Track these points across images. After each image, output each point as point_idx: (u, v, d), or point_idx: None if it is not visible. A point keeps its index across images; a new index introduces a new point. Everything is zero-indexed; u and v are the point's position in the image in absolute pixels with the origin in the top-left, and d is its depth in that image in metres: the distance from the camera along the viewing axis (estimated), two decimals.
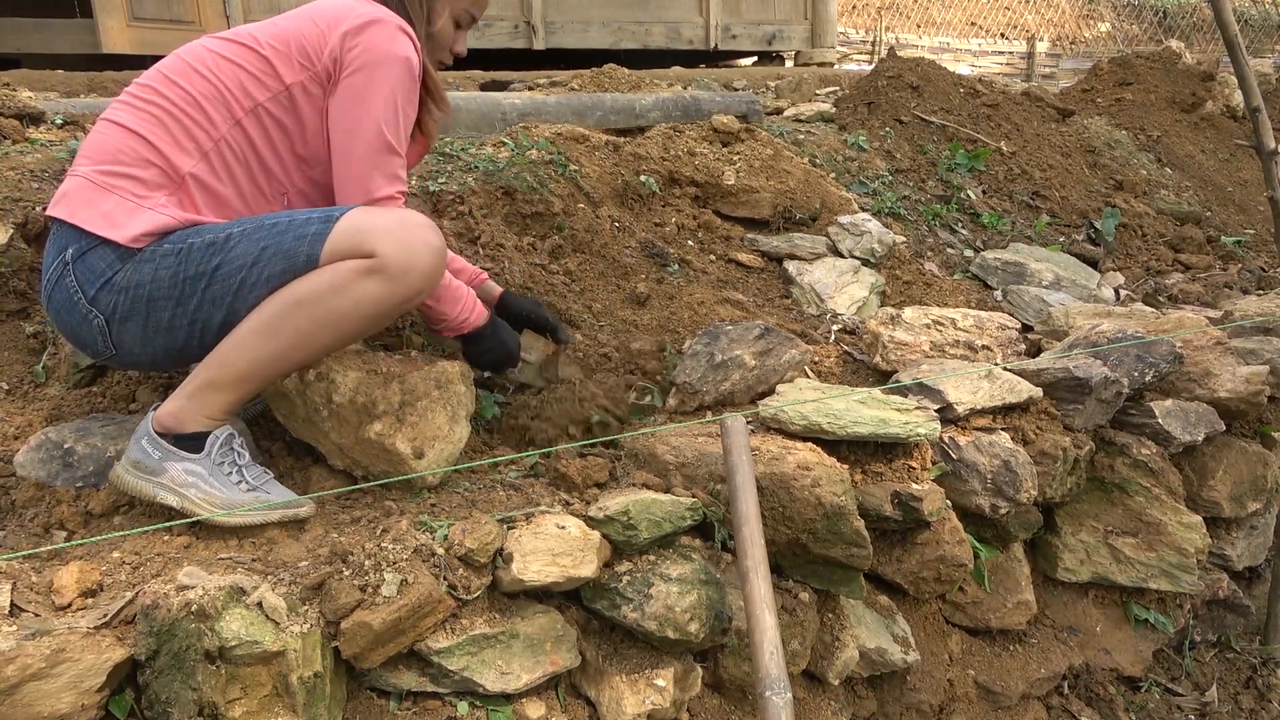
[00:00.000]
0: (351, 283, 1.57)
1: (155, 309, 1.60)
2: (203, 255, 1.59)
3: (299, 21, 1.73)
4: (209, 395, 1.61)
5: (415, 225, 1.63)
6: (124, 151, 1.63)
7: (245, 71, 1.69)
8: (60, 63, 5.17)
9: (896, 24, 12.13)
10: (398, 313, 1.65)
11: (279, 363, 1.61)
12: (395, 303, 1.61)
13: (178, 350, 1.65)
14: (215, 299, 1.59)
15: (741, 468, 1.65)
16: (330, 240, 1.58)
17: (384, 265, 1.57)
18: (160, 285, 1.59)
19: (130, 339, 1.63)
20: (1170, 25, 13.51)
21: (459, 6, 1.91)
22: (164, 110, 1.66)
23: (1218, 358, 2.58)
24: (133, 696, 1.37)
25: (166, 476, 1.60)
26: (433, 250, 1.62)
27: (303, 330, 1.58)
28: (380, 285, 1.58)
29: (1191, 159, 4.83)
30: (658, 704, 1.65)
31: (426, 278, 1.63)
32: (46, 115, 2.67)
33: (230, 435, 1.65)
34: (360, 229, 1.59)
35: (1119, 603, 2.51)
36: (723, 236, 3.15)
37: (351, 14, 1.72)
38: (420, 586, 1.47)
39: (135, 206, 1.60)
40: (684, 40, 7.17)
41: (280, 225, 1.61)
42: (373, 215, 1.63)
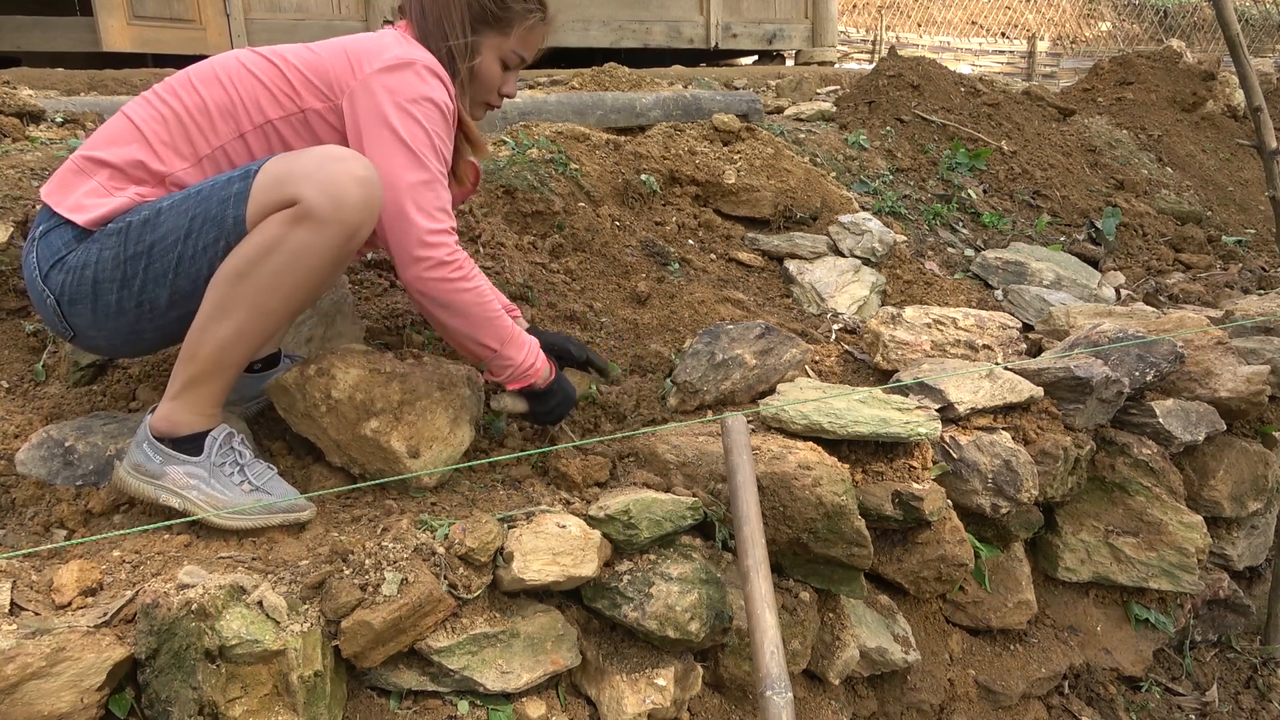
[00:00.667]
0: (282, 237, 1.51)
1: (101, 291, 1.58)
2: (139, 233, 1.56)
3: (333, 51, 1.71)
4: (193, 392, 1.60)
5: (335, 159, 1.54)
6: (117, 142, 1.64)
7: (264, 88, 1.67)
8: (60, 61, 5.17)
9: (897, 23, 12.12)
10: (343, 255, 1.58)
11: (244, 339, 1.57)
12: (335, 245, 1.53)
13: (133, 334, 1.63)
14: (157, 278, 1.56)
15: (742, 467, 1.64)
16: (252, 196, 1.53)
17: (309, 209, 1.49)
18: (104, 266, 1.56)
19: (83, 322, 1.63)
20: (1171, 24, 13.50)
21: (506, 48, 1.83)
22: (173, 112, 1.66)
23: (1219, 357, 2.57)
24: (133, 695, 1.37)
25: (168, 479, 1.61)
26: (358, 180, 1.52)
27: (253, 301, 1.53)
28: (311, 232, 1.51)
29: (1192, 158, 4.83)
30: (658, 703, 1.65)
31: (359, 210, 1.53)
32: (47, 113, 2.67)
33: (229, 434, 1.65)
34: (278, 177, 1.53)
35: (1119, 602, 2.51)
36: (723, 235, 3.15)
37: (385, 52, 1.68)
38: (421, 586, 1.47)
39: (107, 194, 1.60)
40: (685, 39, 7.16)
41: (204, 191, 1.56)
42: (290, 160, 1.55)
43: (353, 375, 1.75)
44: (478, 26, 1.78)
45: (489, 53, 1.81)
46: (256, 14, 5.68)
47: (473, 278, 1.71)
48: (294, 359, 2.02)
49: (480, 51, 1.80)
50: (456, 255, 1.68)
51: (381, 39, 1.74)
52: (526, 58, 1.88)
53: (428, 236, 1.64)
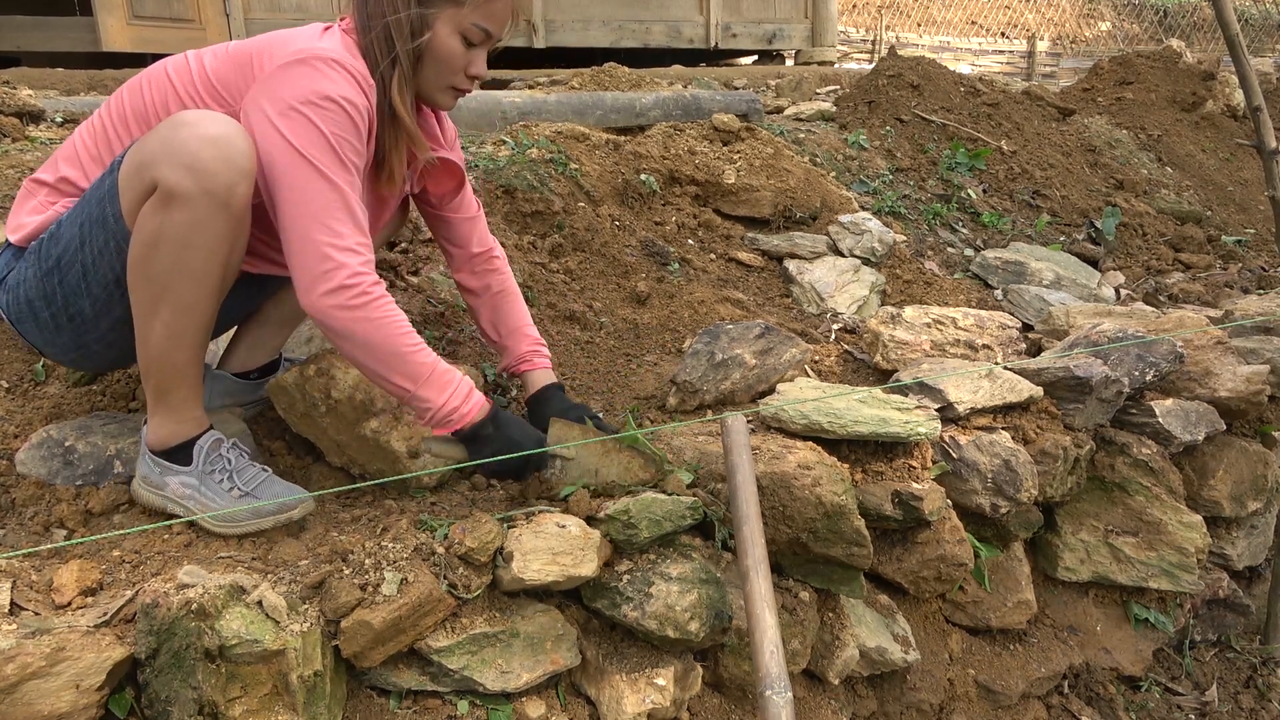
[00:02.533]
0: (160, 227, 1.41)
1: (35, 309, 1.57)
2: (48, 249, 1.53)
3: (244, 51, 1.57)
4: (164, 403, 1.59)
5: (181, 125, 1.41)
6: (57, 161, 1.63)
7: (173, 91, 1.57)
8: (60, 61, 5.17)
9: (897, 23, 12.12)
10: (233, 221, 1.45)
11: (182, 335, 1.51)
12: (215, 215, 1.42)
13: (81, 347, 1.61)
14: (72, 290, 1.53)
15: (742, 467, 1.64)
16: (120, 190, 1.45)
17: (170, 191, 1.39)
18: (31, 285, 1.55)
19: (35, 339, 1.63)
20: (1171, 24, 13.50)
21: (465, 21, 1.59)
22: (103, 124, 1.62)
23: (1218, 357, 2.57)
24: (133, 695, 1.37)
25: (169, 490, 1.64)
26: (209, 140, 1.39)
27: (166, 298, 1.47)
28: (185, 210, 1.40)
29: (1192, 158, 4.83)
30: (658, 703, 1.65)
31: (221, 171, 1.39)
32: (46, 113, 2.67)
33: (217, 441, 1.64)
34: (136, 165, 1.43)
35: (1119, 602, 2.51)
36: (723, 235, 3.15)
37: (290, 46, 1.53)
38: (420, 585, 1.47)
39: (40, 211, 1.60)
40: (684, 39, 7.16)
41: (88, 195, 1.52)
42: (142, 142, 1.45)
43: (352, 375, 1.75)
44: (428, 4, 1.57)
45: (444, 27, 1.59)
46: (256, 14, 5.69)
47: (378, 306, 1.51)
48: (293, 361, 2.02)
49: (432, 25, 1.58)
50: (360, 279, 1.49)
51: (298, 34, 1.58)
52: (493, 32, 1.64)
53: (322, 258, 1.47)
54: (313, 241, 1.47)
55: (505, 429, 1.69)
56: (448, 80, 1.66)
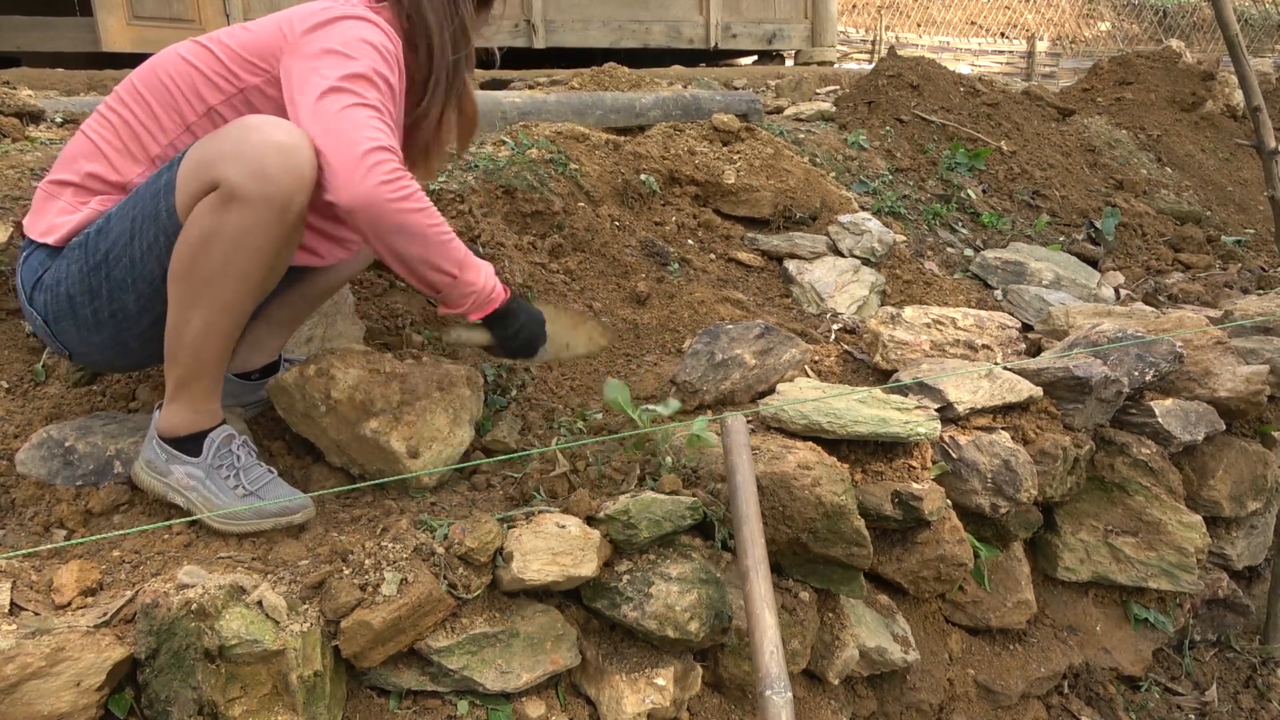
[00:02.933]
0: (215, 225, 1.44)
1: (77, 305, 1.59)
2: (95, 243, 1.55)
3: (268, 24, 1.63)
4: (184, 393, 1.61)
5: (252, 129, 1.45)
6: (76, 159, 1.64)
7: (201, 74, 1.61)
8: (60, 61, 5.17)
9: (896, 23, 12.13)
10: (285, 228, 1.48)
11: (214, 331, 1.53)
12: (270, 221, 1.45)
13: (118, 344, 1.63)
14: (118, 284, 1.55)
15: (742, 467, 1.64)
16: (178, 185, 1.48)
17: (232, 190, 1.42)
18: (74, 281, 1.57)
19: (70, 339, 1.64)
20: (1170, 24, 13.51)
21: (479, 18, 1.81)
22: (120, 118, 1.64)
23: (1218, 357, 2.58)
24: (132, 695, 1.37)
25: (173, 478, 1.64)
26: (279, 148, 1.43)
27: (209, 295, 1.49)
28: (242, 212, 1.43)
29: (1192, 158, 4.83)
30: (658, 703, 1.65)
31: (285, 178, 1.43)
32: (46, 113, 2.67)
33: (229, 436, 1.65)
34: (199, 162, 1.46)
35: (1119, 602, 2.51)
36: (723, 235, 3.15)
37: (313, 8, 1.60)
38: (420, 585, 1.47)
39: (73, 211, 1.61)
40: (684, 39, 7.16)
41: (141, 189, 1.54)
42: (209, 141, 1.48)
43: (352, 375, 1.75)
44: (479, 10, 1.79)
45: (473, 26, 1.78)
46: (256, 14, 5.69)
47: (423, 199, 1.53)
48: (293, 361, 2.02)
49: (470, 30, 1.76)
50: (402, 173, 1.50)
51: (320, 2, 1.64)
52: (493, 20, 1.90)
53: (368, 150, 1.46)
54: (356, 139, 1.46)
55: (525, 308, 1.79)
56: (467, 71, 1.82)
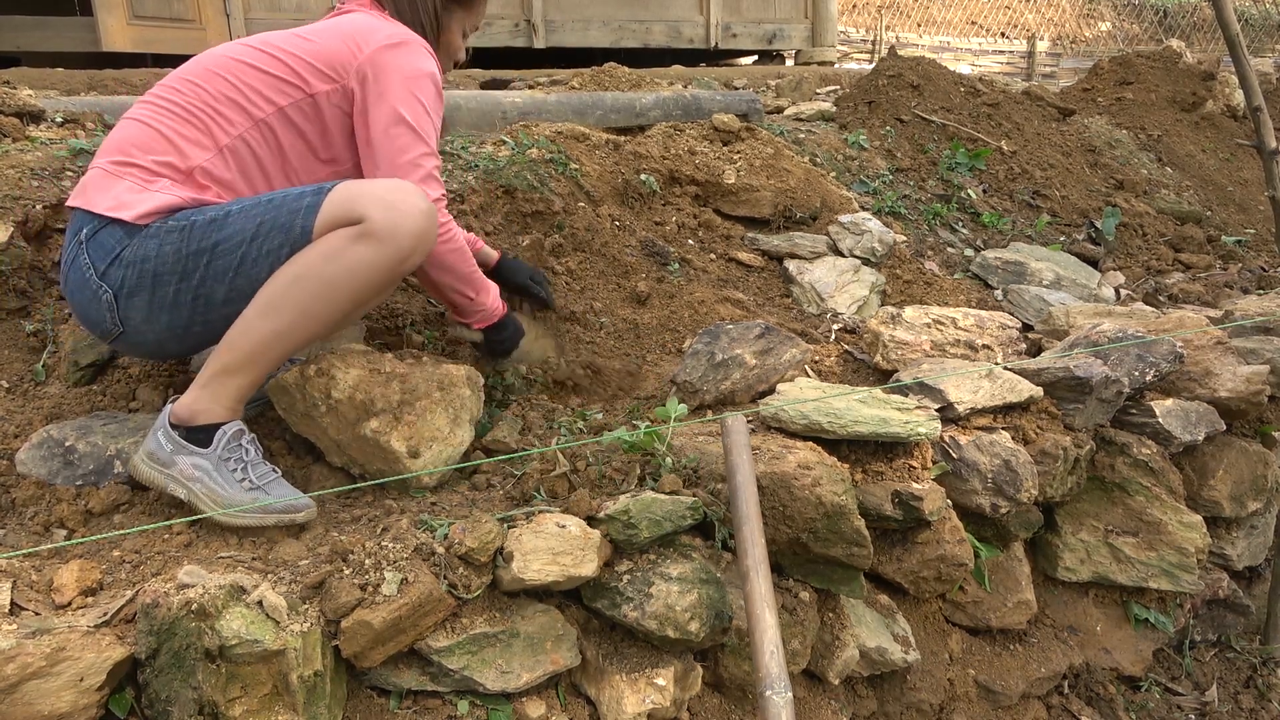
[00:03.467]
0: (343, 250, 1.61)
1: (160, 284, 1.64)
2: (204, 231, 1.63)
3: (328, 37, 1.82)
4: (221, 382, 1.64)
5: (401, 189, 1.67)
6: (137, 144, 1.70)
7: (270, 77, 1.77)
8: (60, 61, 5.17)
9: (897, 23, 12.13)
10: (393, 277, 1.68)
11: (283, 339, 1.63)
12: (388, 265, 1.64)
13: (182, 328, 1.69)
14: (217, 274, 1.64)
15: (742, 467, 1.64)
16: (322, 210, 1.63)
17: (372, 229, 1.61)
18: (165, 260, 1.63)
19: (136, 314, 1.67)
20: (1171, 24, 13.51)
21: (469, 22, 2.07)
22: (181, 108, 1.73)
23: (1218, 357, 2.57)
24: (133, 695, 1.37)
25: (176, 469, 1.64)
26: (420, 212, 1.65)
27: (301, 304, 1.61)
28: (371, 249, 1.61)
29: (1192, 158, 4.83)
30: (658, 703, 1.65)
31: (415, 238, 1.65)
32: (46, 113, 2.67)
33: (239, 431, 1.67)
34: (350, 197, 1.64)
35: (1119, 602, 2.51)
36: (723, 235, 3.15)
37: (382, 32, 1.83)
38: (420, 585, 1.47)
39: (143, 189, 1.67)
40: (684, 39, 7.16)
41: (276, 200, 1.66)
42: (362, 184, 1.68)
43: (352, 375, 1.75)
44: (449, 6, 2.01)
45: (455, 27, 2.04)
46: (256, 14, 5.69)
47: (458, 239, 1.91)
48: (295, 361, 2.02)
49: (449, 27, 2.02)
50: (449, 223, 1.88)
51: (371, 19, 1.88)
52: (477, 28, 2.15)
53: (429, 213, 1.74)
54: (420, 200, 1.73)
55: (513, 321, 2.18)
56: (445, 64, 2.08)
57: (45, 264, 2.15)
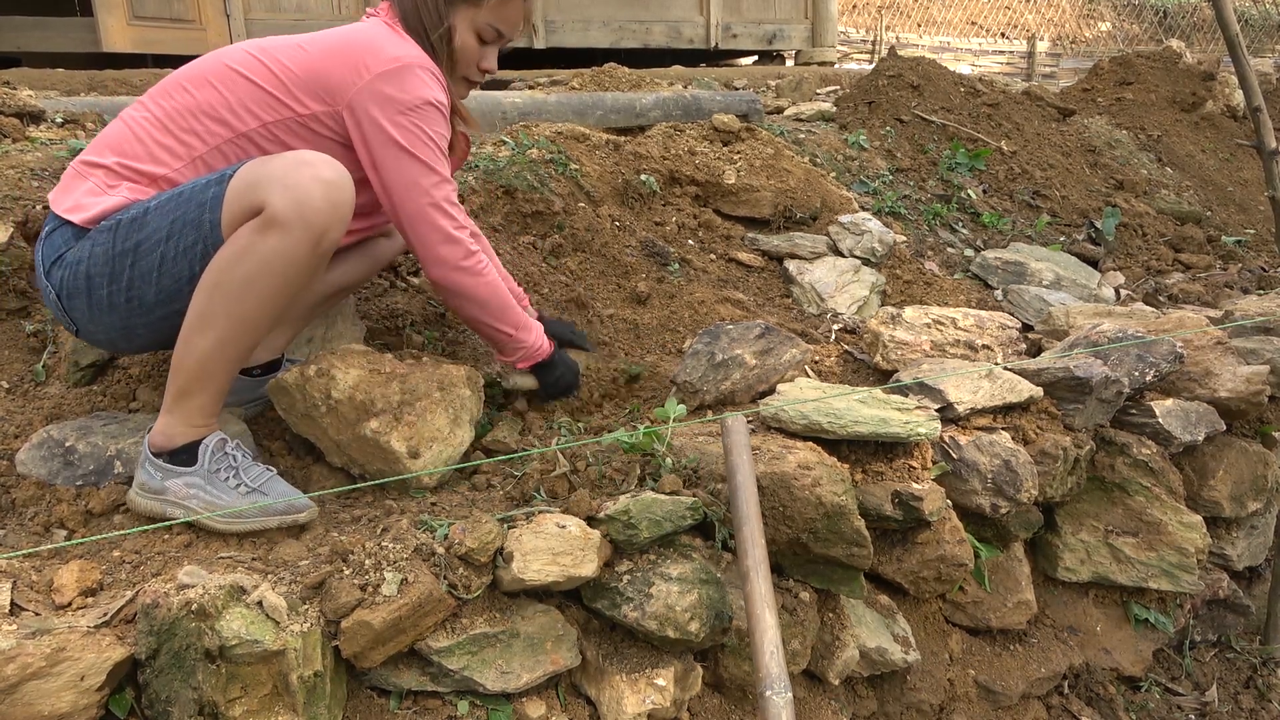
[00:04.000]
0: (251, 246, 1.52)
1: (94, 285, 1.62)
2: (127, 232, 1.59)
3: (328, 51, 1.72)
4: (183, 405, 1.62)
5: (303, 163, 1.55)
6: (112, 145, 1.68)
7: (258, 89, 1.69)
8: (60, 61, 5.17)
9: (897, 23, 12.12)
10: (315, 259, 1.57)
11: (226, 348, 1.58)
12: (303, 251, 1.54)
13: (126, 329, 1.67)
14: (143, 276, 1.59)
15: (742, 467, 1.64)
16: (225, 201, 1.55)
17: (274, 216, 1.51)
18: (96, 261, 1.61)
19: (81, 316, 1.67)
20: (1171, 25, 13.51)
21: (480, 20, 1.83)
22: (165, 112, 1.69)
23: (1218, 357, 2.57)
24: (133, 695, 1.37)
25: (170, 493, 1.63)
26: (323, 183, 1.53)
27: (230, 311, 1.55)
28: (279, 238, 1.51)
29: (1192, 158, 4.83)
30: (658, 703, 1.65)
31: (324, 214, 1.53)
32: (46, 114, 2.67)
33: (221, 440, 1.65)
34: (248, 183, 1.55)
35: (1119, 602, 2.51)
36: (723, 235, 3.15)
37: (382, 52, 1.71)
38: (420, 586, 1.47)
39: (103, 192, 1.64)
40: (684, 39, 7.16)
41: (185, 193, 1.59)
42: (261, 165, 1.57)
43: (352, 375, 1.75)
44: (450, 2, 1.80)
45: (463, 26, 1.82)
46: (256, 14, 5.68)
47: (488, 272, 1.85)
48: (294, 361, 2.02)
49: (455, 28, 1.81)
50: (474, 254, 1.81)
51: (374, 35, 1.75)
52: (505, 32, 1.87)
53: (447, 240, 1.77)
54: (437, 226, 1.77)
55: (563, 357, 2.11)
56: (464, 72, 1.88)
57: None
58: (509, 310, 1.92)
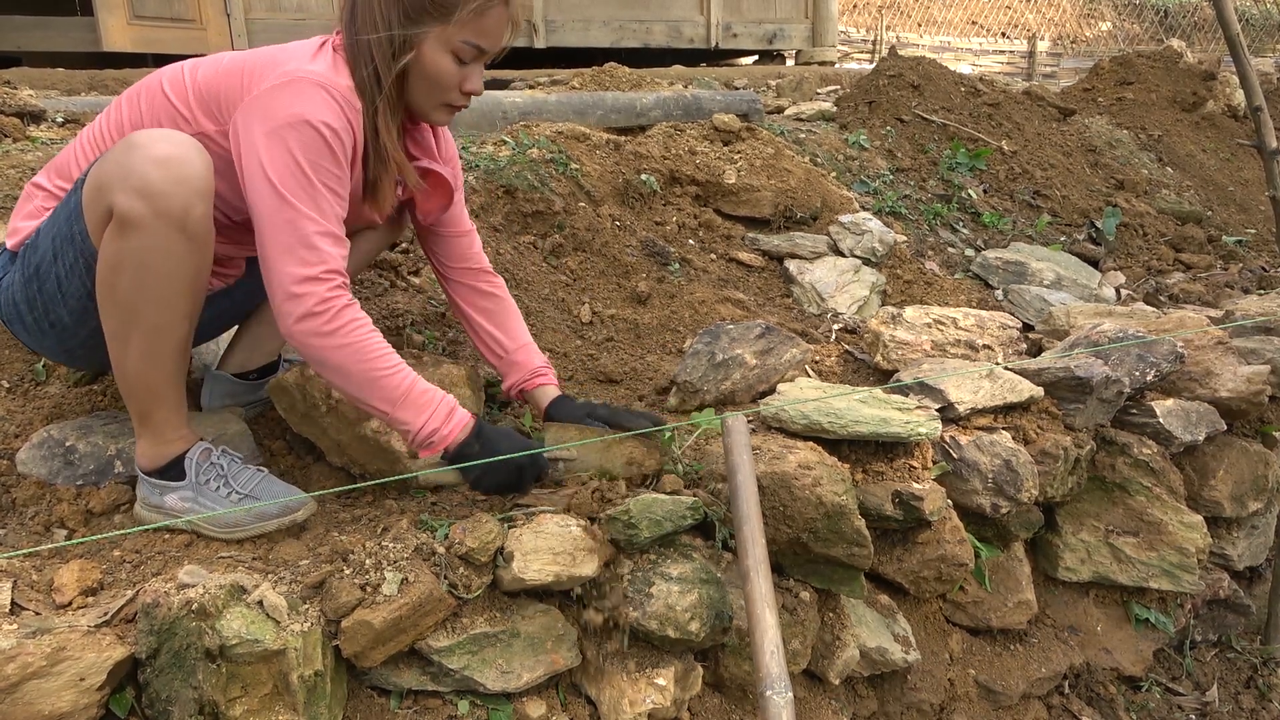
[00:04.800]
0: (120, 253, 1.42)
1: (20, 313, 1.60)
2: (27, 256, 1.56)
3: (236, 68, 1.56)
4: (148, 426, 1.60)
5: (132, 148, 1.41)
6: (57, 165, 1.65)
7: (173, 109, 1.56)
8: (61, 61, 5.17)
9: (897, 23, 12.12)
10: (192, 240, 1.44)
11: (154, 358, 1.52)
12: (172, 239, 1.42)
13: (66, 350, 1.66)
14: (50, 298, 1.55)
15: (743, 467, 1.64)
16: (85, 210, 1.46)
17: (123, 216, 1.39)
18: (17, 289, 1.59)
19: (27, 339, 1.66)
20: (1171, 24, 13.50)
21: (454, 39, 1.55)
22: (99, 131, 1.62)
23: (1219, 357, 2.57)
24: (133, 695, 1.37)
25: (167, 506, 1.64)
26: (157, 162, 1.39)
27: (135, 322, 1.48)
28: (139, 237, 1.40)
29: (1192, 158, 4.83)
30: (658, 703, 1.65)
31: (172, 193, 1.39)
32: (47, 113, 2.67)
33: (205, 450, 1.64)
34: (95, 185, 1.44)
35: (1120, 602, 2.51)
36: (723, 235, 3.15)
37: (277, 70, 1.51)
38: (421, 585, 1.47)
39: (38, 216, 1.61)
40: (685, 39, 7.16)
41: (58, 211, 1.53)
42: (99, 164, 1.45)
43: None
44: (415, 17, 1.52)
45: (433, 45, 1.55)
46: (257, 14, 5.68)
47: (348, 331, 1.50)
48: (293, 361, 2.02)
49: (417, 45, 1.54)
50: (328, 306, 1.48)
51: (291, 52, 1.56)
52: (486, 48, 1.59)
53: (291, 285, 1.47)
54: (282, 273, 1.47)
55: (492, 444, 1.61)
56: (440, 98, 1.62)
57: None
58: (377, 383, 1.52)
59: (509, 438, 1.66)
